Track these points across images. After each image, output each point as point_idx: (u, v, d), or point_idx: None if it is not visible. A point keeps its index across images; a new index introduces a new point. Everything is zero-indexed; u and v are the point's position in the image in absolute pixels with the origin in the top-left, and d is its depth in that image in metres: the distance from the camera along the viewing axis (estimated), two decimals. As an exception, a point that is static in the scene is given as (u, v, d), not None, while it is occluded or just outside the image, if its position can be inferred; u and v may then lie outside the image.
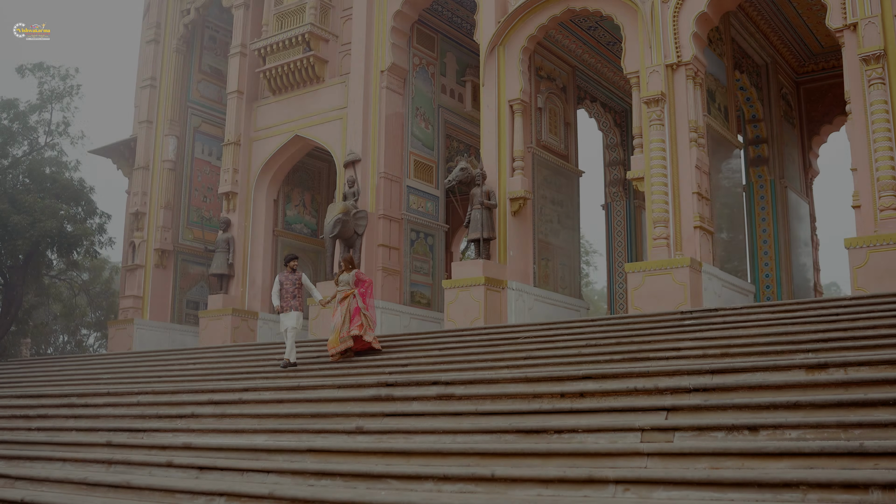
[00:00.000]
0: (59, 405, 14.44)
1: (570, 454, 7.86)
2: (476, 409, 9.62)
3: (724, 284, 18.31)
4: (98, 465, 10.54)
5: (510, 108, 20.25)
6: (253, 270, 24.41)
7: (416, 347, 16.16)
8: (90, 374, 19.13)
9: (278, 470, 8.85)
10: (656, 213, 17.67)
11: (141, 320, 25.42)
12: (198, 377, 15.92)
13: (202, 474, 9.39)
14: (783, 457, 6.94)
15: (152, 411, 12.71)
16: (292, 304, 16.20)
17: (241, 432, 10.80)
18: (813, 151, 25.20)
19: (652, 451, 7.56)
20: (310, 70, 23.65)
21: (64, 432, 12.86)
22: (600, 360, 12.38)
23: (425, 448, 8.64)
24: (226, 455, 9.97)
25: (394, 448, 8.86)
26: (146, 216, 26.26)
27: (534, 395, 9.86)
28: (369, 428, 9.73)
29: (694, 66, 18.03)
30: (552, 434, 8.45)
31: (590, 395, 9.46)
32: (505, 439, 8.65)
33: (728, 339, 12.53)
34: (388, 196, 22.18)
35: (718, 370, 9.68)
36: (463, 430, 9.11)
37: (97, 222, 27.28)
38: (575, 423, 8.56)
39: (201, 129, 27.51)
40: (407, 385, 11.41)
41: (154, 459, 10.12)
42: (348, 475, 8.30)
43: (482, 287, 19.00)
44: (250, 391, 12.80)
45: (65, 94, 27.20)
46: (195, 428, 11.40)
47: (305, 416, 10.88)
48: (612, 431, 8.19)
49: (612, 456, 7.67)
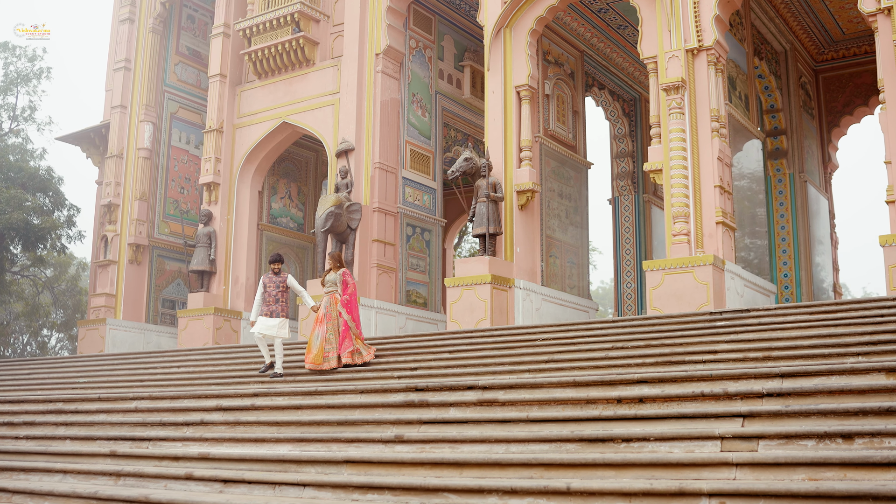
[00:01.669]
0: (45, 411, 13.93)
1: (648, 465, 7.55)
2: (527, 416, 9.28)
3: (746, 284, 18.11)
4: (105, 478, 10.09)
5: (517, 95, 19.94)
6: (236, 267, 23.94)
7: (424, 350, 15.81)
8: (66, 378, 18.59)
9: (315, 483, 8.46)
10: (676, 208, 17.40)
11: (114, 320, 24.85)
12: (193, 381, 15.44)
13: (227, 488, 8.98)
14: (891, 467, 6.69)
15: (154, 418, 12.24)
16: (275, 310, 15.36)
17: (261, 441, 10.38)
18: (832, 144, 25.10)
19: (741, 461, 7.28)
20: (299, 52, 23.22)
21: (57, 441, 12.37)
22: (631, 363, 12.16)
23: (478, 458, 8.29)
24: (249, 466, 9.55)
25: (442, 458, 8.49)
26: (119, 208, 25.67)
27: (587, 401, 9.54)
28: (410, 437, 9.36)
29: (716, 52, 17.79)
30: (620, 443, 8.15)
31: (650, 401, 9.17)
32: (566, 448, 8.33)
33: (767, 341, 12.33)
34: (384, 188, 21.80)
35: (788, 374, 9.42)
36: (517, 438, 8.77)
37: (65, 214, 26.69)
38: (643, 431, 8.26)
39: (179, 115, 26.98)
40: (439, 390, 11.04)
41: (169, 471, 9.68)
42: (397, 488, 7.94)
43: (488, 286, 18.66)
44: (261, 396, 12.39)
45: (32, 76, 26.55)
46: (208, 437, 10.96)
47: (332, 424, 10.48)
48: (687, 440, 7.90)
49: (695, 466, 7.38)
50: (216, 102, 24.28)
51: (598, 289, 60.40)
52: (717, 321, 14.28)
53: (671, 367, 11.56)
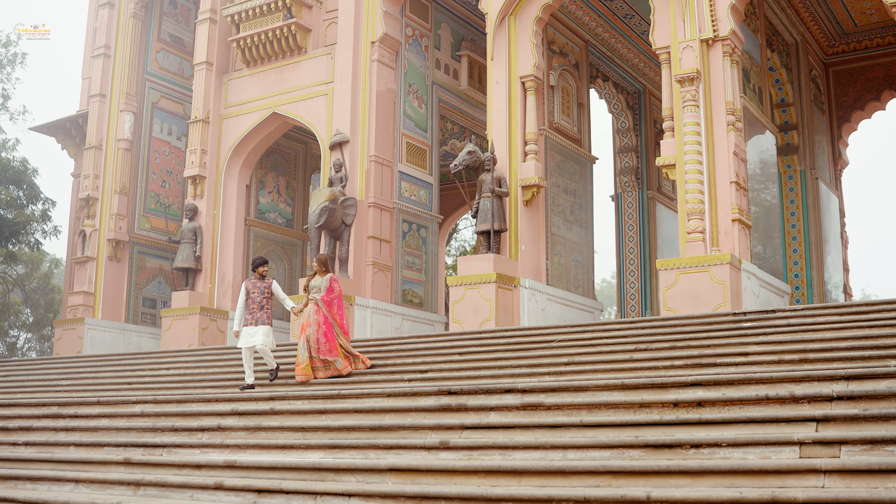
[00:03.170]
0: (40, 416, 13.40)
1: (727, 472, 7.26)
2: (580, 421, 8.94)
3: (761, 284, 17.90)
4: (122, 488, 9.63)
5: (522, 86, 19.63)
6: (223, 264, 23.47)
7: (432, 352, 15.46)
8: (49, 381, 18.13)
9: (361, 493, 8.04)
10: (691, 205, 17.13)
11: (92, 319, 24.26)
12: (191, 384, 15.04)
13: (261, 499, 8.55)
14: None
15: (165, 423, 11.78)
16: (259, 318, 14.63)
17: (289, 448, 9.94)
18: (843, 140, 24.97)
19: (830, 468, 7.01)
20: (290, 40, 22.78)
21: (60, 448, 11.86)
22: (659, 366, 11.93)
23: (537, 466, 7.93)
24: (281, 475, 9.10)
25: (497, 466, 8.11)
26: (98, 202, 25.10)
27: (640, 405, 9.24)
28: (456, 443, 8.98)
29: (731, 42, 17.56)
30: (688, 448, 7.85)
31: (710, 405, 8.87)
32: (630, 455, 8.02)
33: (800, 343, 12.15)
34: (379, 182, 21.43)
35: (854, 376, 9.16)
36: (574, 444, 8.42)
37: (40, 208, 26.07)
38: (710, 436, 7.96)
39: (160, 104, 26.44)
40: (474, 394, 10.65)
41: (196, 481, 9.22)
42: (455, 498, 7.55)
43: (493, 285, 18.31)
44: (278, 400, 11.96)
45: (6, 62, 25.93)
46: (229, 443, 10.48)
47: (363, 430, 10.08)
48: (763, 445, 7.62)
49: (778, 474, 7.08)
50: (202, 91, 23.79)
51: (598, 287, 60.37)
52: (743, 322, 14.06)
53: (706, 370, 11.33)
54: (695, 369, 11.53)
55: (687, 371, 11.41)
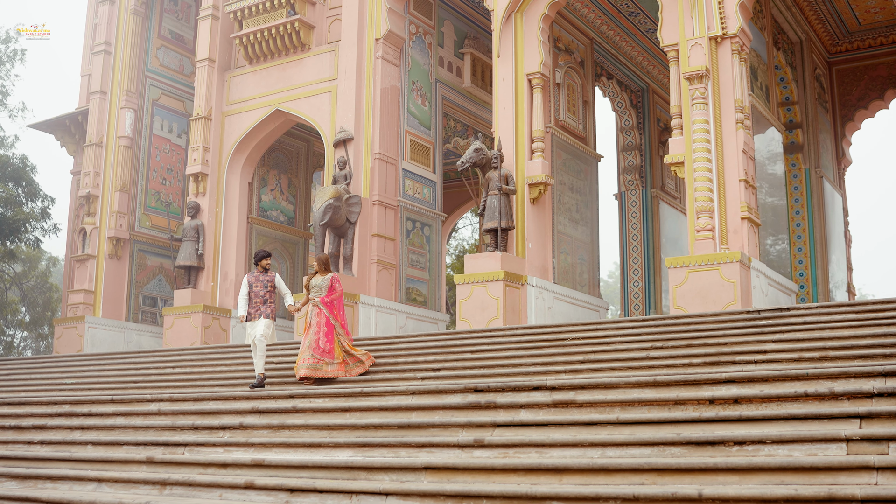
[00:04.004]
0: (52, 414, 13.20)
1: (776, 469, 7.16)
2: (616, 419, 8.84)
3: (770, 283, 17.84)
4: (147, 487, 9.46)
5: (528, 83, 19.51)
6: (225, 262, 23.30)
7: (443, 350, 15.30)
8: (51, 379, 17.94)
9: (399, 492, 7.91)
10: (700, 203, 17.05)
11: (93, 318, 24.05)
12: (201, 382, 14.85)
13: (294, 498, 8.39)
14: None
15: (184, 422, 11.61)
16: (263, 311, 14.44)
17: (316, 447, 9.78)
18: (846, 139, 24.95)
19: (883, 465, 6.92)
20: (294, 36, 22.63)
21: (77, 446, 11.68)
22: (677, 364, 11.85)
23: (578, 464, 7.83)
24: (312, 474, 8.94)
25: (538, 464, 8.00)
26: (99, 199, 24.88)
27: (675, 402, 9.13)
28: (490, 441, 8.86)
29: (740, 40, 17.49)
30: (731, 446, 7.76)
31: (746, 402, 8.78)
32: (672, 452, 7.91)
33: (819, 341, 12.08)
34: (383, 180, 21.30)
35: (892, 372, 9.09)
36: (613, 441, 8.32)
37: (40, 206, 25.82)
38: (751, 433, 7.87)
39: (160, 101, 26.23)
40: (502, 391, 10.54)
41: (224, 480, 9.05)
42: (497, 497, 7.43)
43: (501, 283, 18.20)
44: (298, 398, 11.81)
45: (5, 59, 25.67)
46: (254, 442, 10.32)
47: (391, 428, 9.94)
48: (809, 442, 7.53)
49: (829, 471, 7.00)
50: (204, 88, 23.60)
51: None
52: (758, 320, 13.98)
53: (724, 368, 11.27)
54: (714, 367, 11.46)
55: (706, 369, 11.33)
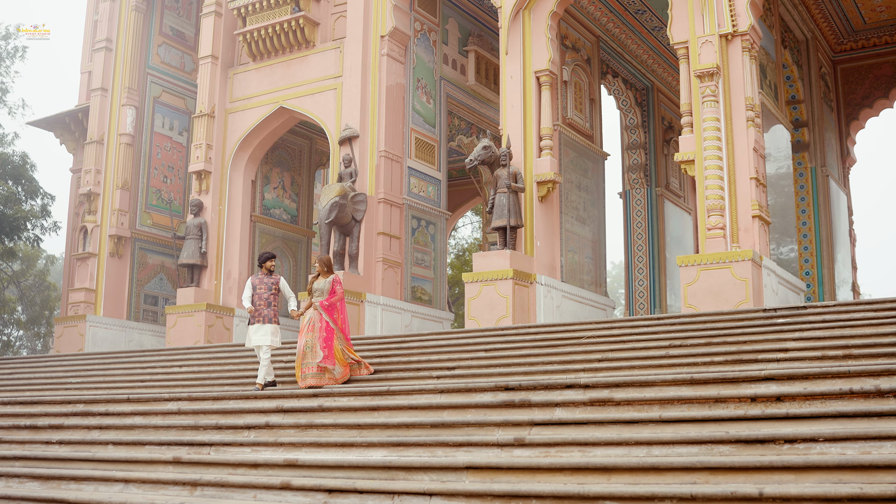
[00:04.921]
0: (68, 413, 12.96)
1: (832, 467, 7.01)
2: (659, 417, 8.68)
3: (780, 281, 17.75)
4: (177, 488, 9.25)
5: (537, 81, 19.39)
6: (228, 261, 23.09)
7: (456, 349, 15.13)
8: (54, 378, 17.77)
9: (442, 492, 7.73)
10: (711, 201, 16.94)
11: (94, 317, 23.82)
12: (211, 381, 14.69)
13: (332, 498, 8.19)
14: None
15: (207, 421, 11.39)
16: (266, 315, 14.05)
17: (348, 446, 9.57)
18: (851, 138, 24.91)
19: (944, 464, 6.81)
20: (298, 33, 22.44)
21: (98, 446, 11.46)
22: (698, 362, 11.74)
23: (626, 462, 7.67)
24: (348, 474, 8.73)
25: (585, 463, 7.83)
26: (100, 197, 24.65)
27: (715, 400, 8.99)
28: (531, 440, 8.69)
29: (750, 37, 17.39)
30: (782, 444, 7.62)
31: (789, 399, 8.64)
32: (720, 451, 7.77)
33: (841, 339, 11.98)
34: (389, 178, 21.14)
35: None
36: (658, 440, 8.17)
37: (39, 204, 25.54)
38: (800, 431, 7.72)
39: (162, 99, 26.01)
40: (533, 389, 10.39)
41: (258, 480, 8.85)
42: (548, 497, 7.26)
43: (510, 281, 18.05)
44: (322, 397, 11.63)
45: (5, 56, 25.38)
46: (283, 441, 10.11)
47: (424, 427, 9.74)
48: (861, 440, 7.38)
49: (890, 469, 6.83)
50: (207, 86, 23.39)
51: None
52: (776, 318, 13.88)
53: (747, 366, 11.15)
54: (736, 365, 11.36)
55: (728, 367, 11.23)
